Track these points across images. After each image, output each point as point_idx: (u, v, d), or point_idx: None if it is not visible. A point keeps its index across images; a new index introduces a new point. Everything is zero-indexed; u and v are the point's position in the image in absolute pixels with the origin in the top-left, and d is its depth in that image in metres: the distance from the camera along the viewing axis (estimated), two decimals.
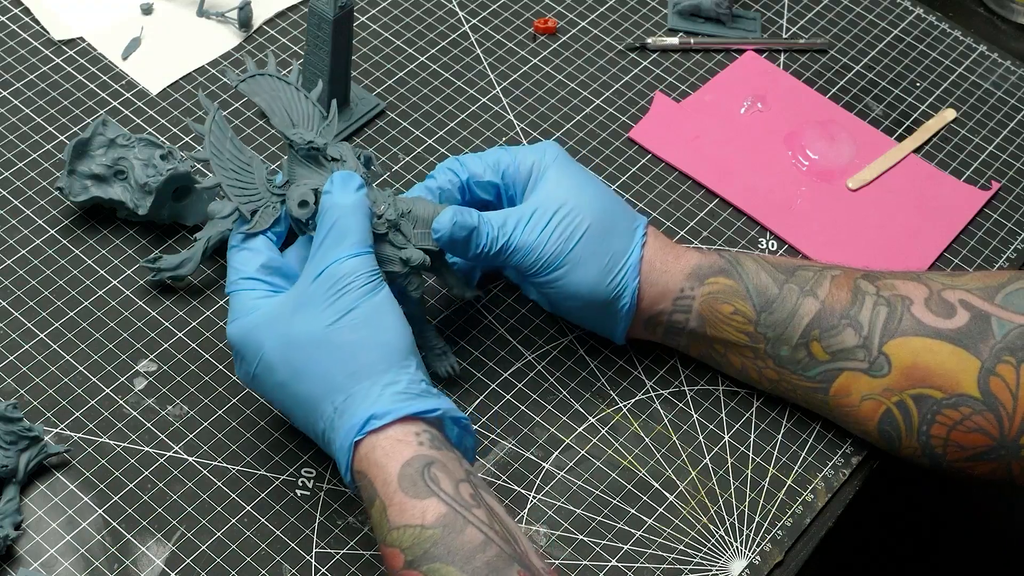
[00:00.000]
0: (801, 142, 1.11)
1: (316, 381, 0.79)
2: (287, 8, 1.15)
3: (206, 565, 0.84)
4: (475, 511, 0.75)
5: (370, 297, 0.80)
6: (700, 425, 0.94)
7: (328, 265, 0.81)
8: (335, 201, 0.83)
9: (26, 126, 1.05)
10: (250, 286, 0.84)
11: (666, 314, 0.91)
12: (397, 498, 0.75)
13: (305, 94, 0.90)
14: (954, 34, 1.22)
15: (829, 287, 0.89)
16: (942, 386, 0.85)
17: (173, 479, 0.87)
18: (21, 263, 0.97)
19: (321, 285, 0.80)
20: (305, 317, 0.80)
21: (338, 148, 0.87)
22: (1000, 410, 0.84)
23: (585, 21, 1.19)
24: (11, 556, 0.83)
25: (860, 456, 0.93)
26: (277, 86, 0.90)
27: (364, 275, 0.81)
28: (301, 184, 0.86)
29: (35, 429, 0.85)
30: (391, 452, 0.77)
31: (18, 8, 1.12)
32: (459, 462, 0.78)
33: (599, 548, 0.87)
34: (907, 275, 0.90)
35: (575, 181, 0.90)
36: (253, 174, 0.87)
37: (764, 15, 1.21)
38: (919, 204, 1.08)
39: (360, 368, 0.79)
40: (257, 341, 0.81)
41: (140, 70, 1.09)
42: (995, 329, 0.85)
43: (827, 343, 0.88)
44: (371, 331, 0.79)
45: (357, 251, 0.82)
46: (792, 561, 0.88)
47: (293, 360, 0.80)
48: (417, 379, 0.80)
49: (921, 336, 0.86)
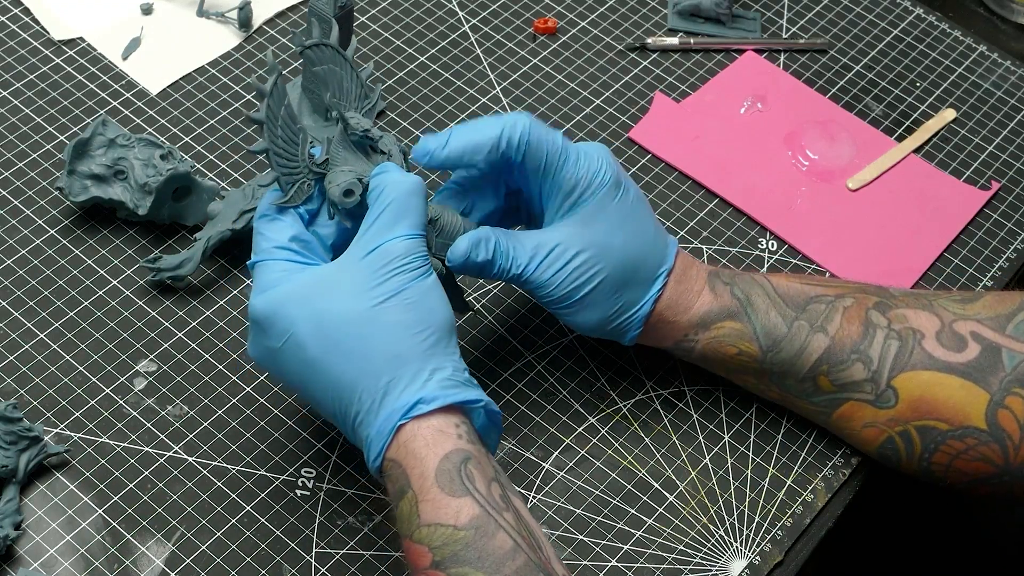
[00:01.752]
0: (801, 142, 1.11)
1: (356, 362, 0.76)
2: (287, 8, 1.15)
3: (206, 565, 0.84)
4: (505, 515, 0.73)
5: (422, 280, 0.77)
6: (700, 425, 0.94)
7: (382, 243, 0.77)
8: (395, 179, 0.80)
9: (26, 126, 1.05)
10: (282, 256, 0.79)
11: (668, 348, 0.91)
12: (432, 493, 0.73)
13: (357, 71, 0.85)
14: (954, 34, 1.22)
15: (840, 321, 0.87)
16: (949, 419, 0.85)
17: (173, 479, 0.87)
18: (21, 263, 0.97)
19: (372, 263, 0.77)
20: (349, 293, 0.76)
21: (384, 141, 0.83)
22: (1006, 441, 0.84)
23: (585, 21, 1.19)
24: (11, 556, 0.83)
25: (860, 456, 0.93)
26: (335, 59, 0.85)
27: (418, 257, 0.78)
28: (344, 169, 0.82)
29: (35, 429, 0.85)
30: (432, 443, 0.74)
31: (18, 8, 1.12)
32: (488, 458, 0.77)
33: (599, 548, 0.87)
34: (919, 302, 0.89)
35: (611, 224, 0.85)
36: (298, 146, 0.82)
37: (764, 15, 1.21)
38: (919, 204, 1.08)
39: (407, 351, 0.76)
40: (288, 315, 0.77)
41: (140, 70, 1.09)
42: (1005, 361, 0.85)
43: (835, 377, 0.87)
44: (420, 314, 0.76)
45: (413, 232, 0.78)
46: (792, 561, 0.88)
47: (330, 338, 0.76)
48: (461, 367, 0.78)
49: (931, 370, 0.85)
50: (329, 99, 0.84)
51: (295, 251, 0.80)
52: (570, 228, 0.85)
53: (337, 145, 0.83)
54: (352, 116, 0.83)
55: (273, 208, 0.81)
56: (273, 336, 0.78)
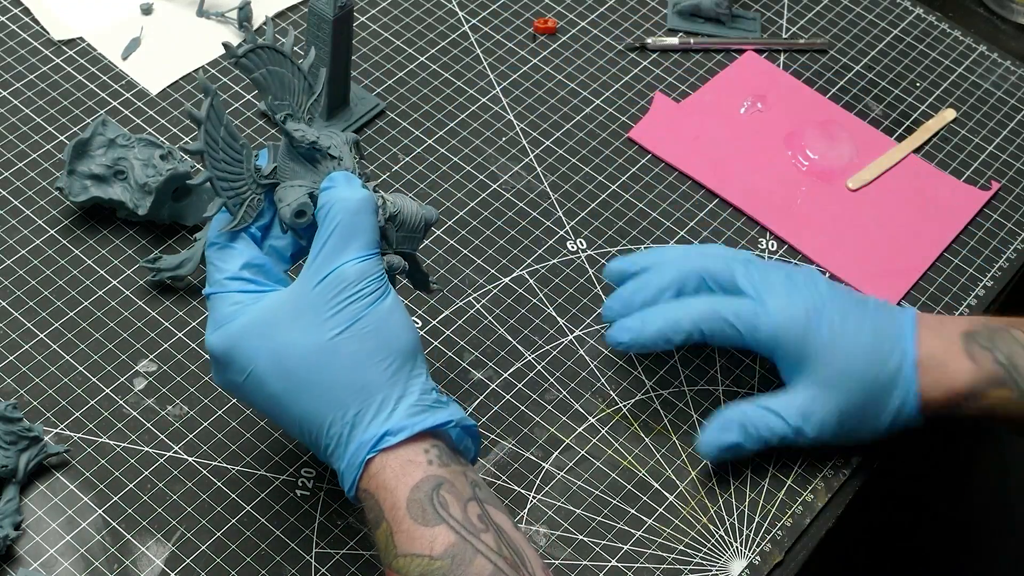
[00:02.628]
0: (801, 142, 1.11)
1: (319, 396, 0.74)
2: (287, 8, 1.15)
3: (206, 565, 0.84)
4: (483, 536, 0.72)
5: (379, 303, 0.75)
6: (700, 425, 0.94)
7: (333, 269, 0.75)
8: (340, 196, 0.77)
9: (26, 126, 1.05)
10: (235, 287, 0.77)
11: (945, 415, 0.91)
12: (405, 525, 0.72)
13: (297, 65, 0.82)
14: (954, 34, 1.22)
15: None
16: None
17: (173, 479, 0.87)
18: (21, 263, 0.97)
19: (324, 291, 0.74)
20: (305, 326, 0.74)
21: (330, 138, 0.80)
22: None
23: (585, 21, 1.19)
24: (11, 556, 0.83)
25: (860, 456, 0.93)
26: (274, 58, 0.81)
27: (372, 280, 0.75)
28: (293, 185, 0.79)
29: (35, 429, 0.85)
30: (401, 474, 0.73)
31: (18, 8, 1.12)
32: (465, 476, 0.75)
33: (599, 548, 0.87)
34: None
35: (837, 357, 0.87)
36: (243, 163, 0.79)
37: (764, 15, 1.21)
38: (919, 204, 1.08)
39: (370, 381, 0.74)
40: (247, 351, 0.75)
41: (140, 70, 1.09)
42: None
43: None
44: (381, 341, 0.74)
45: (365, 254, 0.76)
46: (792, 561, 0.88)
47: (291, 373, 0.75)
48: (428, 388, 0.76)
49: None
50: (271, 102, 0.81)
51: (248, 279, 0.77)
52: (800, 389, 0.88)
53: (284, 157, 0.80)
54: (296, 128, 0.80)
55: (223, 235, 0.78)
56: (234, 371, 0.77)
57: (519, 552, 0.74)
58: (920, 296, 1.03)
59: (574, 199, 1.06)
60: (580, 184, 1.07)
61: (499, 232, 1.03)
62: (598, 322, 0.98)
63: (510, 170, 1.07)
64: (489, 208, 1.04)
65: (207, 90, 0.77)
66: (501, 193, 1.05)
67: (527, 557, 0.74)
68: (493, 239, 1.02)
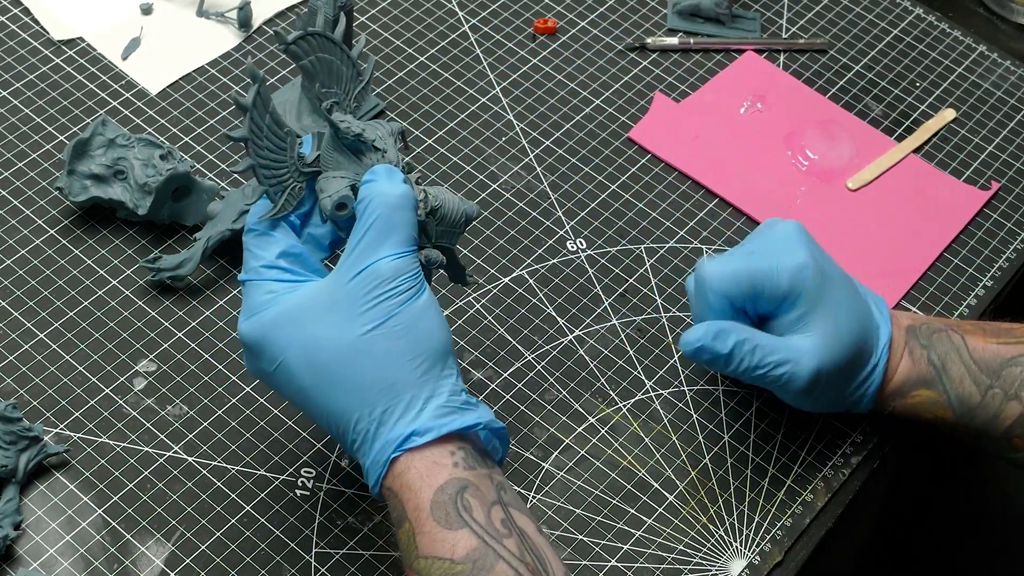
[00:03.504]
0: (801, 142, 1.11)
1: (348, 391, 0.74)
2: (287, 8, 1.15)
3: (206, 565, 0.84)
4: (506, 542, 0.72)
5: (413, 301, 0.74)
6: (700, 425, 0.94)
7: (368, 265, 0.74)
8: (380, 190, 0.76)
9: (26, 126, 1.05)
10: (270, 275, 0.76)
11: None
12: (428, 527, 0.72)
13: (347, 52, 0.80)
14: (954, 34, 1.22)
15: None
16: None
17: (173, 479, 0.87)
18: (21, 263, 0.97)
19: (359, 287, 0.74)
20: (337, 321, 0.73)
21: (375, 130, 0.79)
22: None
23: (585, 21, 1.19)
24: (11, 556, 0.83)
25: (860, 456, 0.93)
26: (324, 45, 0.79)
27: (408, 277, 0.74)
28: (336, 176, 0.78)
29: (35, 429, 0.85)
30: (425, 475, 0.73)
31: (18, 8, 1.12)
32: (490, 479, 0.74)
33: (599, 548, 0.87)
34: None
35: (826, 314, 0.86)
36: (286, 151, 0.78)
37: (764, 15, 1.21)
38: (919, 204, 1.08)
39: (400, 379, 0.73)
40: (278, 342, 0.75)
41: (140, 70, 1.09)
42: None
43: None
44: (412, 339, 0.74)
45: (401, 250, 0.74)
46: (792, 561, 0.88)
47: (321, 367, 0.74)
48: (458, 389, 0.75)
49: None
50: (318, 90, 0.80)
51: (284, 268, 0.77)
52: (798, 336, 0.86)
53: (328, 147, 0.79)
54: (342, 120, 0.79)
55: (263, 222, 0.78)
56: (264, 361, 0.76)
57: (541, 558, 0.73)
58: (920, 296, 1.03)
59: (574, 199, 1.06)
60: (580, 184, 1.07)
61: (499, 232, 1.03)
62: (598, 322, 0.98)
63: (510, 170, 1.07)
64: (489, 208, 1.04)
65: (254, 76, 0.75)
66: (501, 193, 1.05)
67: (549, 563, 0.73)
68: (493, 239, 1.02)
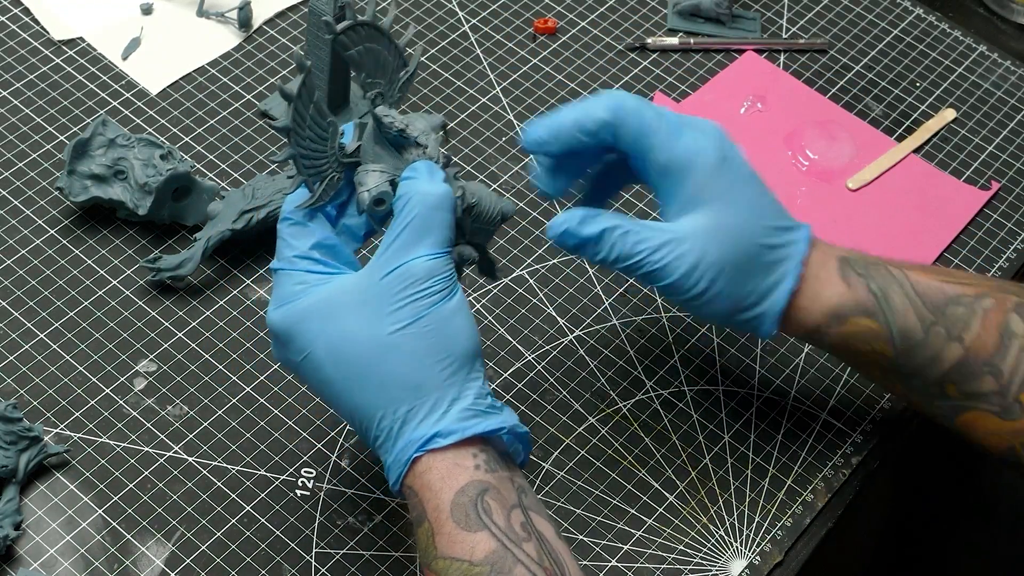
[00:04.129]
0: (801, 142, 1.11)
1: (373, 388, 0.73)
2: (287, 8, 1.15)
3: (206, 565, 0.84)
4: (525, 546, 0.72)
5: (444, 303, 0.74)
6: (700, 425, 0.94)
7: (402, 263, 0.73)
8: (420, 189, 0.75)
9: (26, 126, 1.05)
10: (303, 266, 0.76)
11: (799, 337, 0.88)
12: (447, 528, 0.72)
13: (395, 43, 0.80)
14: (954, 34, 1.22)
15: (978, 329, 0.83)
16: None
17: (173, 479, 0.87)
18: (21, 263, 0.97)
19: (390, 285, 0.73)
20: (367, 317, 0.73)
21: (417, 124, 0.78)
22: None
23: (585, 21, 1.19)
24: (11, 556, 0.83)
25: (860, 456, 0.93)
26: (371, 35, 0.78)
27: (441, 279, 0.74)
28: (375, 169, 0.77)
29: (35, 429, 0.85)
30: (446, 476, 0.72)
31: (18, 8, 1.12)
32: (511, 482, 0.74)
33: (599, 548, 0.87)
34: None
35: (720, 203, 0.81)
36: (327, 141, 0.77)
37: (764, 15, 1.21)
38: (919, 204, 1.08)
39: (426, 380, 0.73)
40: (307, 334, 0.74)
41: (140, 70, 1.09)
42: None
43: (963, 387, 0.84)
44: (440, 340, 0.73)
45: (436, 251, 0.74)
46: (792, 561, 0.88)
47: (348, 362, 0.74)
48: (484, 393, 0.75)
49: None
50: (363, 80, 0.79)
51: (317, 260, 0.76)
52: (681, 220, 0.81)
53: (369, 139, 0.78)
54: (386, 115, 0.77)
55: (299, 212, 0.77)
56: (292, 351, 0.76)
57: (560, 563, 0.73)
58: None
59: (574, 199, 1.06)
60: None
61: (499, 232, 1.03)
62: (598, 322, 0.99)
63: (510, 170, 1.07)
64: None
65: (302, 66, 0.74)
66: (501, 193, 1.05)
67: (567, 567, 0.73)
68: (493, 239, 1.02)
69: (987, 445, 0.86)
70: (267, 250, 0.99)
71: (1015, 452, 0.85)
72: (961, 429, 0.87)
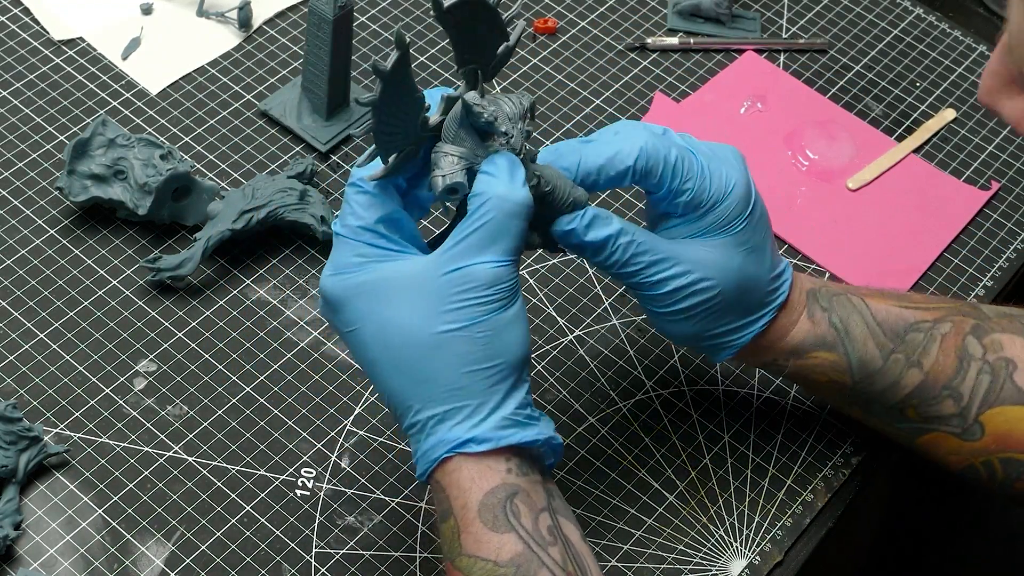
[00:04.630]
0: (801, 142, 1.11)
1: (415, 381, 0.72)
2: (287, 8, 1.15)
3: (206, 565, 0.84)
4: (551, 550, 0.71)
5: (501, 313, 0.72)
6: (700, 425, 0.94)
7: (466, 265, 0.71)
8: (499, 192, 0.72)
9: (26, 126, 1.05)
10: (366, 238, 0.73)
11: (753, 365, 0.89)
12: (474, 527, 0.71)
13: (500, 17, 0.76)
14: (954, 34, 1.22)
15: (936, 353, 0.84)
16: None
17: (173, 479, 0.87)
18: (21, 263, 0.97)
19: (450, 284, 0.71)
20: (420, 310, 0.71)
21: (504, 108, 0.74)
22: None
23: (585, 21, 1.19)
24: (11, 556, 0.83)
25: (860, 456, 0.93)
26: (477, 12, 0.74)
27: (503, 288, 0.72)
28: (453, 152, 0.73)
29: (35, 429, 0.85)
30: (477, 478, 0.72)
31: (18, 8, 1.12)
32: (542, 486, 0.74)
33: (599, 548, 0.87)
34: (1014, 325, 0.85)
35: (732, 242, 0.80)
36: (410, 116, 0.73)
37: (764, 15, 1.21)
38: (919, 204, 1.08)
39: (469, 385, 0.72)
40: (358, 310, 0.73)
41: (140, 70, 1.09)
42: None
43: (923, 410, 0.85)
44: (493, 349, 0.72)
45: (503, 259, 0.72)
46: (792, 561, 0.88)
47: (393, 349, 0.72)
48: (525, 403, 0.73)
49: (1019, 404, 0.83)
50: (460, 58, 0.75)
51: (381, 234, 0.74)
52: (688, 242, 0.80)
53: (453, 119, 0.74)
54: (476, 103, 0.73)
55: (372, 182, 0.74)
56: (339, 322, 0.75)
57: (583, 567, 0.73)
58: None
59: None
60: None
61: None
62: (598, 322, 0.99)
63: None
64: None
65: (400, 42, 0.70)
66: None
67: (590, 571, 0.73)
68: None
69: (947, 463, 0.87)
70: (267, 250, 0.99)
71: (975, 469, 0.87)
72: (921, 449, 0.88)
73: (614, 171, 0.78)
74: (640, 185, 0.79)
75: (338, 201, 1.02)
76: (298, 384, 0.93)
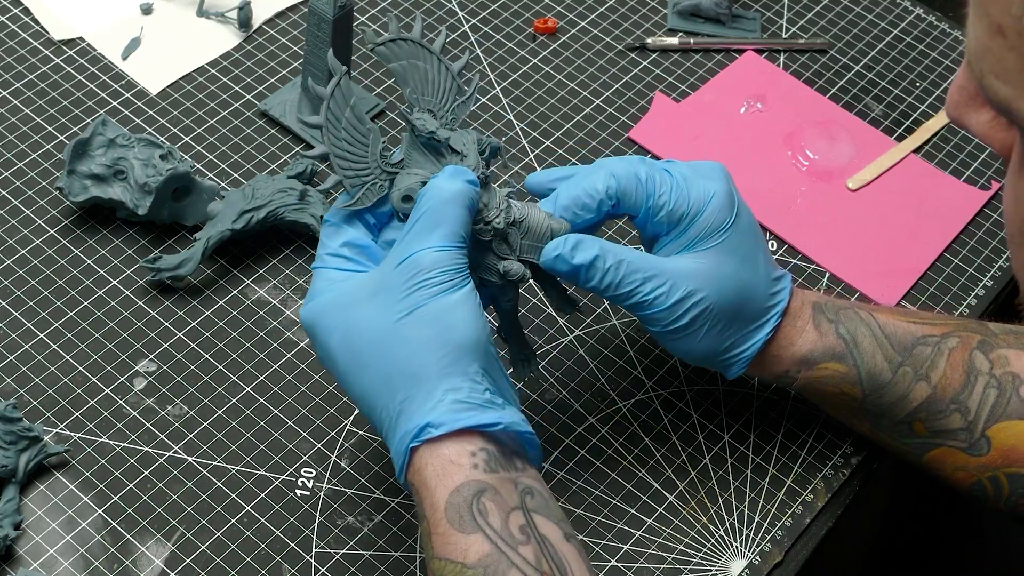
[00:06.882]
0: (801, 142, 1.11)
1: (377, 378, 0.74)
2: (287, 8, 1.15)
3: (206, 565, 0.84)
4: (522, 549, 0.71)
5: (446, 294, 0.74)
6: (700, 425, 0.94)
7: (412, 253, 0.74)
8: (437, 184, 0.77)
9: (26, 126, 1.05)
10: (333, 263, 0.78)
11: (765, 379, 0.90)
12: (442, 528, 0.72)
13: (447, 65, 0.82)
14: (954, 34, 1.22)
15: (944, 367, 0.85)
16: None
17: (173, 479, 0.87)
18: (21, 263, 0.97)
19: (401, 274, 0.74)
20: (378, 307, 0.74)
21: (462, 139, 0.80)
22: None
23: (585, 21, 1.19)
24: (11, 556, 0.83)
25: (860, 456, 0.93)
26: (418, 53, 0.80)
27: (446, 271, 0.74)
28: (412, 172, 0.79)
29: (35, 429, 0.85)
30: (441, 474, 0.72)
31: (18, 8, 1.12)
32: (514, 484, 0.73)
33: (599, 548, 0.87)
34: (1020, 340, 0.87)
35: (720, 251, 0.81)
36: (368, 147, 0.78)
37: (764, 15, 1.21)
38: (919, 204, 1.08)
39: (421, 369, 0.73)
40: (326, 326, 0.76)
41: (140, 70, 1.09)
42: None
43: (931, 424, 0.86)
44: (438, 330, 0.73)
45: (445, 244, 0.75)
46: (792, 561, 0.88)
47: (357, 351, 0.75)
48: (481, 387, 0.74)
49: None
50: (409, 94, 0.80)
51: (347, 257, 0.78)
52: (677, 256, 0.82)
53: (408, 147, 0.80)
54: (417, 117, 0.79)
55: (339, 214, 0.79)
56: (316, 344, 0.78)
57: (562, 566, 0.72)
58: (920, 296, 1.03)
59: None
60: None
61: None
62: (598, 322, 0.99)
63: (510, 170, 1.07)
64: None
65: (335, 70, 0.77)
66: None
67: (570, 570, 0.72)
68: None
69: (954, 480, 0.88)
70: (267, 250, 0.99)
71: (982, 486, 0.87)
72: (928, 465, 0.88)
73: (589, 198, 0.81)
74: (621, 211, 0.82)
75: None
76: (298, 384, 0.93)
